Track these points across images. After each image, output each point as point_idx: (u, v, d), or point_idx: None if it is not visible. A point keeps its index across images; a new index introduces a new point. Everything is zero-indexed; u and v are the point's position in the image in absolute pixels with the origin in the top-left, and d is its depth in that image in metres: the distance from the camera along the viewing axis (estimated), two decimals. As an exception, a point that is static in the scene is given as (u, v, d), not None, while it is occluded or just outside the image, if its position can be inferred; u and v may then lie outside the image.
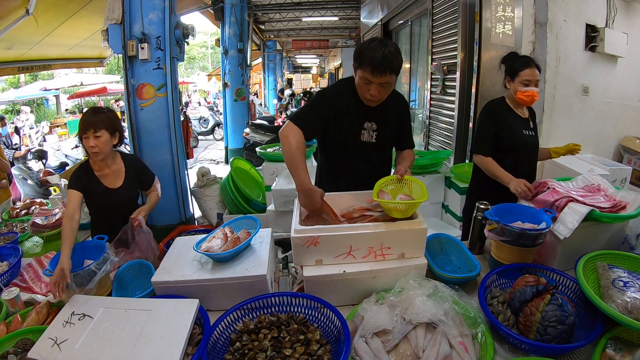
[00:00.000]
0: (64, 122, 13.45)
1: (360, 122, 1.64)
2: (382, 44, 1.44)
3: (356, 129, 1.64)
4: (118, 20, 3.15)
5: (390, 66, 1.44)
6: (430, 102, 4.10)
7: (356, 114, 1.62)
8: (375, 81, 1.47)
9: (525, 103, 1.91)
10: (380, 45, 1.44)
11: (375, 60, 1.43)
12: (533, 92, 1.85)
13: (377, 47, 1.44)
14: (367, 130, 1.65)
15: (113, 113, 1.85)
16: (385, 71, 1.44)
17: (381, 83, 1.47)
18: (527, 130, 1.96)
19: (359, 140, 1.65)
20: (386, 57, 1.42)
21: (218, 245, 1.40)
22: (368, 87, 1.50)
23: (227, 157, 7.95)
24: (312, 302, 1.18)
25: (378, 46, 1.44)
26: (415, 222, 1.29)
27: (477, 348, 1.04)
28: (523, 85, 1.85)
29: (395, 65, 1.45)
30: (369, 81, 1.48)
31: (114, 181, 1.87)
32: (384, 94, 1.53)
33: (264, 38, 12.94)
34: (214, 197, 3.77)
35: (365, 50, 1.46)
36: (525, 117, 1.98)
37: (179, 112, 3.65)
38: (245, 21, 7.68)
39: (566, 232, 1.27)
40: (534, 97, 1.87)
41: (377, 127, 1.65)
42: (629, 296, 1.02)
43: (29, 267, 1.60)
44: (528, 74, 1.84)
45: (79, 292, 1.23)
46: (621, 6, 3.05)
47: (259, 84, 17.70)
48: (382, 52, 1.42)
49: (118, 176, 1.87)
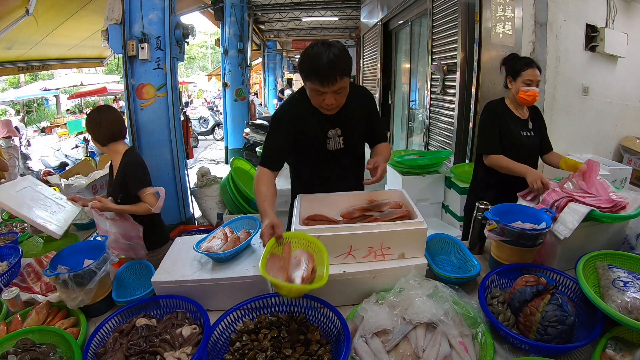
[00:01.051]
0: (64, 122, 13.46)
1: (324, 132, 1.55)
2: (325, 47, 1.32)
3: (320, 139, 1.55)
4: (118, 20, 3.15)
5: (340, 71, 1.32)
6: (430, 102, 4.10)
7: (317, 124, 1.53)
8: (328, 90, 1.36)
9: (526, 103, 1.93)
10: (324, 49, 1.31)
11: (321, 68, 1.30)
12: (534, 92, 1.88)
13: (320, 52, 1.31)
14: (332, 138, 1.56)
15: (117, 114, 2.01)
16: (335, 78, 1.32)
17: (335, 90, 1.36)
18: (525, 131, 1.97)
19: (325, 150, 1.57)
20: (332, 63, 1.29)
21: (218, 245, 1.40)
22: (322, 98, 1.39)
23: (227, 157, 7.95)
24: (312, 302, 1.18)
25: (321, 51, 1.31)
26: (415, 222, 1.29)
27: (477, 348, 1.04)
28: (525, 85, 1.88)
29: (344, 67, 1.33)
30: (321, 92, 1.37)
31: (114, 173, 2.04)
32: (340, 100, 1.42)
33: (264, 38, 12.94)
34: (214, 197, 3.78)
35: (309, 58, 1.33)
36: (525, 118, 1.98)
37: (179, 112, 3.66)
38: (245, 21, 7.68)
39: (566, 232, 1.27)
40: (535, 97, 1.90)
41: (342, 131, 1.56)
42: (629, 296, 1.02)
43: (29, 267, 1.60)
44: (530, 74, 1.87)
45: (79, 292, 1.23)
46: (621, 6, 3.05)
47: (259, 84, 17.71)
48: (327, 57, 1.29)
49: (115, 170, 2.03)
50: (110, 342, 1.11)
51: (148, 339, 1.11)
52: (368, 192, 1.58)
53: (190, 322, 1.20)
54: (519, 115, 1.97)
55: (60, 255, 1.38)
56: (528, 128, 1.98)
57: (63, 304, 1.30)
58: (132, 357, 1.05)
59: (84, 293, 1.24)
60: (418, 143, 5.03)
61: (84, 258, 1.39)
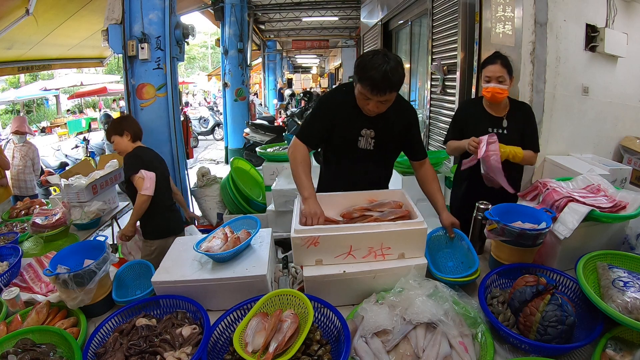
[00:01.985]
0: (64, 122, 13.45)
1: (358, 129, 1.61)
2: (384, 59, 1.37)
3: (353, 135, 1.62)
4: (118, 20, 3.15)
5: (391, 85, 1.40)
6: (430, 102, 4.10)
7: (354, 120, 1.60)
8: (374, 99, 1.44)
9: (488, 99, 1.92)
10: (382, 61, 1.37)
11: (375, 79, 1.38)
12: (493, 89, 1.86)
13: (378, 63, 1.37)
14: (365, 137, 1.62)
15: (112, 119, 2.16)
16: (385, 91, 1.40)
17: (380, 101, 1.45)
18: (497, 128, 1.96)
19: (355, 147, 1.63)
20: (386, 76, 1.37)
21: (218, 245, 1.40)
22: (367, 102, 1.48)
23: (227, 157, 7.96)
24: (312, 302, 1.18)
25: (380, 62, 1.37)
26: (415, 222, 1.29)
27: (477, 348, 1.04)
28: (485, 81, 1.89)
29: (395, 82, 1.40)
30: (368, 97, 1.45)
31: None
32: (383, 108, 1.50)
33: (264, 38, 12.95)
34: (214, 197, 3.78)
35: (366, 66, 1.40)
36: (500, 116, 1.96)
37: (179, 112, 3.66)
38: (245, 21, 7.69)
39: (566, 232, 1.27)
40: (495, 94, 1.87)
41: (376, 134, 1.62)
42: (629, 296, 1.02)
43: (29, 267, 1.60)
44: (489, 70, 1.88)
45: (79, 292, 1.23)
46: (621, 6, 3.04)
47: (259, 84, 17.70)
48: (384, 70, 1.36)
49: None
50: (110, 342, 1.11)
51: (148, 339, 1.11)
52: (368, 192, 1.58)
53: (190, 322, 1.20)
54: (493, 112, 1.96)
55: (60, 255, 1.38)
56: (502, 126, 1.96)
57: (63, 304, 1.30)
58: (132, 357, 1.06)
59: (84, 293, 1.24)
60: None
61: (84, 258, 1.39)
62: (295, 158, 1.57)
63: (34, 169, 4.06)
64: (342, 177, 1.71)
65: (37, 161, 4.07)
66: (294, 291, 1.19)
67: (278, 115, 11.34)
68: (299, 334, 1.03)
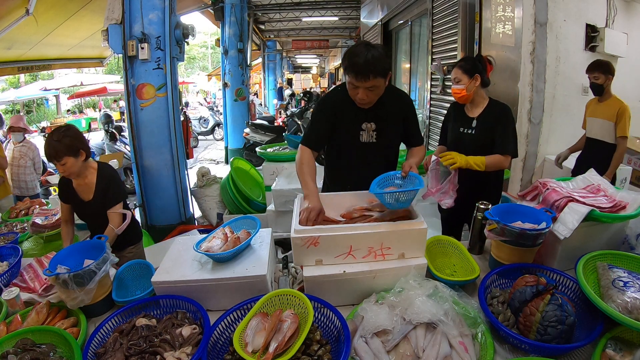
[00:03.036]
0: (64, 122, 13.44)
1: (358, 123, 1.66)
2: (366, 48, 1.45)
3: (355, 130, 1.67)
4: (118, 20, 3.15)
5: (374, 70, 1.44)
6: (430, 102, 4.10)
7: (353, 115, 1.65)
8: (361, 85, 1.49)
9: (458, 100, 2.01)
10: (365, 49, 1.44)
11: (357, 65, 1.44)
12: (454, 89, 1.97)
13: (360, 51, 1.44)
14: (366, 131, 1.67)
15: (72, 132, 1.80)
16: (368, 75, 1.45)
17: (367, 87, 1.49)
18: (465, 128, 2.01)
19: (358, 142, 1.68)
20: (368, 62, 1.43)
21: (218, 245, 1.40)
22: (356, 91, 1.53)
23: (227, 157, 7.95)
24: (312, 302, 1.18)
25: (362, 50, 1.44)
26: (415, 222, 1.29)
27: (477, 348, 1.04)
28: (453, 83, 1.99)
29: (378, 66, 1.44)
30: (355, 86, 1.50)
31: (87, 194, 1.92)
32: (372, 97, 1.54)
33: (264, 38, 12.95)
34: (214, 197, 3.78)
35: (350, 55, 1.47)
36: (472, 116, 2.00)
37: (179, 112, 3.66)
38: (245, 21, 7.69)
39: (566, 232, 1.27)
40: (455, 94, 1.97)
41: (377, 126, 1.66)
42: (629, 296, 1.02)
43: (29, 267, 1.60)
44: (452, 74, 2.00)
45: (79, 292, 1.23)
46: (621, 6, 3.05)
47: (259, 84, 17.70)
48: (365, 57, 1.43)
49: (90, 189, 1.91)
50: (110, 342, 1.11)
51: (148, 339, 1.11)
52: (368, 192, 1.58)
53: (190, 322, 1.20)
54: (468, 113, 2.02)
55: (60, 255, 1.38)
56: (471, 126, 1.99)
57: (63, 304, 1.30)
58: (132, 357, 1.05)
59: (84, 293, 1.24)
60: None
61: (84, 258, 1.39)
62: (300, 161, 1.63)
63: (35, 168, 3.99)
64: (348, 173, 1.74)
65: (38, 160, 3.97)
66: (294, 291, 1.19)
67: (278, 115, 11.34)
68: (299, 334, 1.03)
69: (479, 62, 1.97)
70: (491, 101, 1.99)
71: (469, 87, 1.92)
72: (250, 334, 1.06)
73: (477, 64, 1.94)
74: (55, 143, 1.73)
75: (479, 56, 2.10)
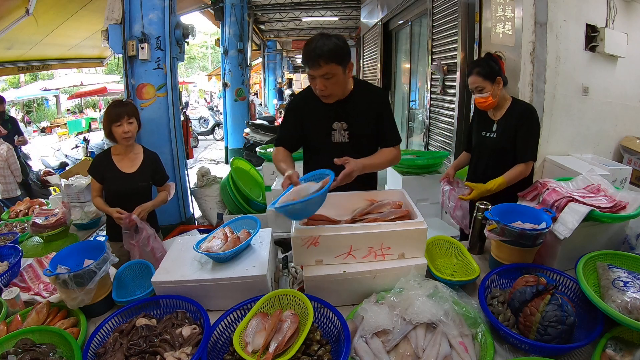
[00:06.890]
0: (64, 122, 13.46)
1: (328, 122, 1.62)
2: (320, 37, 1.45)
3: (326, 130, 1.63)
4: (118, 20, 3.15)
5: (323, 56, 1.41)
6: (430, 102, 4.10)
7: (323, 114, 1.62)
8: (316, 74, 1.47)
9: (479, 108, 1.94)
10: (318, 38, 1.44)
11: (308, 52, 1.44)
12: (477, 99, 1.88)
13: (313, 40, 1.45)
14: (338, 130, 1.63)
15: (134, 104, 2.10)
16: (319, 62, 1.42)
17: (322, 75, 1.46)
18: (487, 132, 1.96)
19: (330, 142, 1.64)
20: (317, 48, 1.41)
21: (218, 245, 1.40)
22: (314, 82, 1.51)
23: (227, 157, 7.95)
24: (312, 302, 1.18)
25: (315, 39, 1.44)
26: (415, 222, 1.29)
27: (477, 348, 1.04)
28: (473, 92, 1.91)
29: (330, 55, 1.42)
30: (312, 76, 1.49)
31: (129, 167, 2.10)
32: (330, 87, 1.50)
33: (264, 38, 12.94)
34: (214, 197, 3.78)
35: (305, 45, 1.47)
36: (494, 119, 1.95)
37: (179, 112, 3.66)
38: (245, 21, 7.68)
39: (566, 232, 1.27)
40: (482, 103, 1.88)
41: (348, 126, 1.62)
42: (629, 296, 1.02)
43: (29, 267, 1.60)
44: (470, 82, 1.89)
45: (79, 292, 1.23)
46: (621, 6, 3.04)
47: (259, 84, 17.70)
48: (316, 44, 1.42)
49: (134, 163, 2.11)
50: (110, 342, 1.11)
51: (148, 339, 1.11)
52: (368, 192, 1.58)
53: (190, 322, 1.20)
54: (491, 116, 1.96)
55: (60, 255, 1.38)
56: (492, 130, 1.94)
57: (63, 304, 1.30)
58: (132, 357, 1.05)
59: (84, 293, 1.24)
60: (418, 143, 5.03)
61: (84, 258, 1.39)
62: (276, 158, 1.63)
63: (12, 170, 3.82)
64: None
65: (13, 161, 3.80)
66: (294, 291, 1.19)
67: (278, 115, 11.34)
68: (299, 334, 1.03)
69: (494, 62, 1.85)
70: (514, 101, 1.91)
71: (494, 93, 1.82)
72: (250, 334, 1.06)
73: (493, 66, 1.83)
74: (122, 106, 1.99)
75: (489, 55, 1.94)
